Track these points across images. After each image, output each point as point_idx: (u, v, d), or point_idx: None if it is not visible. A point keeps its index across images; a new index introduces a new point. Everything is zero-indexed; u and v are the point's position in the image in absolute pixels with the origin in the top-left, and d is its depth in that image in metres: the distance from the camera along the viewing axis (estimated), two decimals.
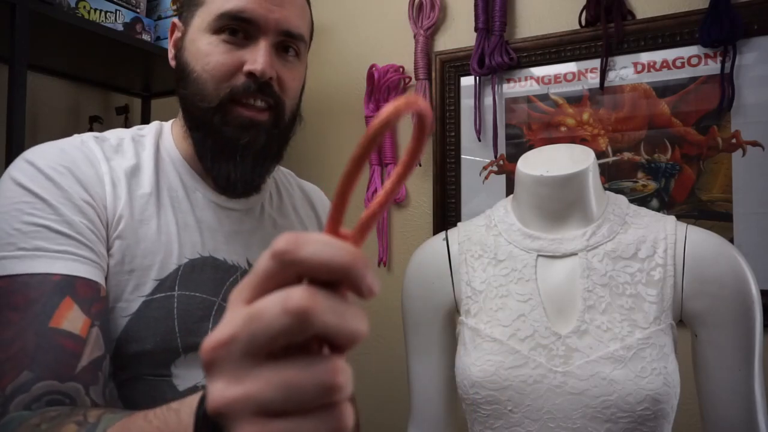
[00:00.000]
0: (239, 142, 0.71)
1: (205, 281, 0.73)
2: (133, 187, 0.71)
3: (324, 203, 0.95)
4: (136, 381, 0.68)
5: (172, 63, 0.78)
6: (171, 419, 0.40)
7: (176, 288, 0.70)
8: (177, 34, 0.77)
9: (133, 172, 0.72)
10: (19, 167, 0.65)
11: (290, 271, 0.28)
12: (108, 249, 0.67)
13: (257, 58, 0.70)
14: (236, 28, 0.70)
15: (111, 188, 0.69)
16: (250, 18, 0.70)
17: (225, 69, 0.70)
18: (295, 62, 0.76)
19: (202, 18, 0.72)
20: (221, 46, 0.71)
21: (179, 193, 0.75)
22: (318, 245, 0.27)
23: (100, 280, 0.65)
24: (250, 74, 0.70)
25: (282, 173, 0.92)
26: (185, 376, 0.70)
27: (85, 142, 0.71)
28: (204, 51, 0.71)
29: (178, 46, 0.76)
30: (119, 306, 0.67)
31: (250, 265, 0.77)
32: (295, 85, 0.77)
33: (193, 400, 0.39)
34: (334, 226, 0.30)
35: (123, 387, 0.68)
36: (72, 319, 0.59)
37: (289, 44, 0.74)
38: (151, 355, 0.68)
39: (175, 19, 0.78)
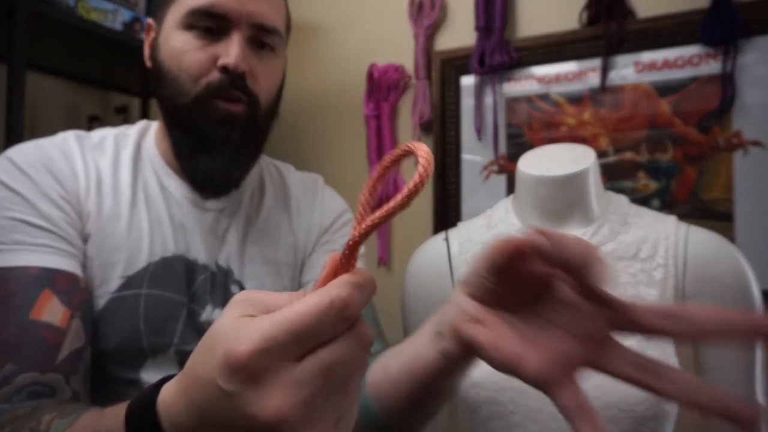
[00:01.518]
0: (216, 136, 0.71)
1: (176, 280, 0.72)
2: (106, 184, 0.71)
3: (311, 186, 0.89)
4: (106, 384, 0.67)
5: (149, 63, 0.77)
6: None
7: (143, 286, 0.70)
8: (152, 34, 0.77)
9: (109, 169, 0.72)
10: (0, 165, 0.67)
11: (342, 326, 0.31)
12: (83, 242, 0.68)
13: (230, 51, 0.69)
14: (209, 24, 0.70)
15: (84, 184, 0.69)
16: (221, 12, 0.69)
17: (199, 65, 0.70)
18: (270, 57, 0.74)
19: (174, 15, 0.71)
20: (194, 43, 0.70)
21: (154, 191, 0.74)
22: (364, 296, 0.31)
23: (80, 272, 0.65)
24: (224, 69, 0.69)
25: (275, 167, 0.88)
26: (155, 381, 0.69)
27: (65, 139, 0.72)
28: (178, 49, 0.71)
29: (153, 46, 0.76)
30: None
31: (218, 267, 0.76)
32: (271, 80, 0.75)
33: (119, 422, 0.37)
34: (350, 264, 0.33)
35: (95, 391, 0.67)
36: (52, 310, 0.60)
37: (264, 39, 0.73)
38: (116, 354, 0.67)
39: (149, 20, 0.77)
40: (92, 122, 1.57)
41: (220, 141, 0.71)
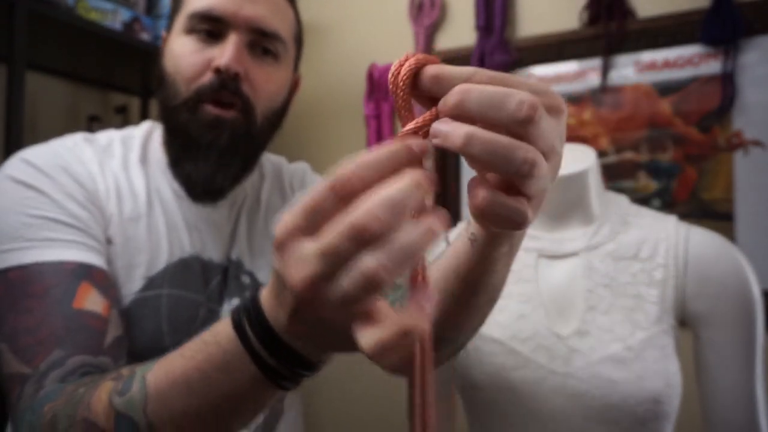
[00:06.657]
0: (202, 140, 0.70)
1: (194, 280, 0.72)
2: (122, 187, 0.71)
3: (299, 176, 0.90)
4: None
5: (157, 71, 0.77)
6: (212, 350, 0.42)
7: (164, 286, 0.70)
8: (163, 44, 0.77)
9: (122, 173, 0.72)
10: (15, 166, 0.66)
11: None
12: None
13: (224, 52, 0.69)
14: (209, 29, 0.70)
15: (103, 186, 0.69)
16: (219, 16, 0.69)
17: (194, 68, 0.70)
18: (272, 64, 0.73)
19: (179, 21, 0.72)
20: (192, 46, 0.70)
21: (167, 193, 0.74)
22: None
23: (108, 270, 0.66)
24: (217, 70, 0.68)
25: (268, 161, 0.89)
26: None
27: (77, 143, 0.72)
28: (176, 52, 0.71)
29: (162, 54, 0.76)
30: None
31: (230, 261, 0.76)
32: (270, 87, 0.73)
33: (226, 328, 0.41)
34: None
35: None
36: (93, 300, 0.60)
37: (267, 46, 0.72)
38: (140, 356, 0.66)
39: (164, 31, 0.78)
40: (92, 122, 1.57)
41: (207, 146, 0.70)
